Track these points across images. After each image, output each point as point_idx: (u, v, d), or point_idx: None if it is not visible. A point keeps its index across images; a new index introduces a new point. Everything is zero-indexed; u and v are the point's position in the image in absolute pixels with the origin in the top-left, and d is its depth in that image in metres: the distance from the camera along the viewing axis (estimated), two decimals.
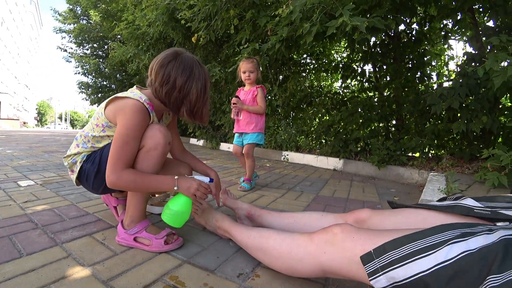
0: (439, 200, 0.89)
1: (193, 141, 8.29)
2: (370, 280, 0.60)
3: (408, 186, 2.81)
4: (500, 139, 3.04)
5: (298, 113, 5.58)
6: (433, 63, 4.27)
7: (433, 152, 3.52)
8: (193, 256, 1.00)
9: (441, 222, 0.65)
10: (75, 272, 0.85)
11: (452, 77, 4.27)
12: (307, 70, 5.89)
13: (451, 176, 2.30)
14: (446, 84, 3.78)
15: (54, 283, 0.79)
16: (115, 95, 1.07)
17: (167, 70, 1.03)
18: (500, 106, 2.96)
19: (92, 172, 1.10)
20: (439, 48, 4.68)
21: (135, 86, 1.13)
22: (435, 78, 3.98)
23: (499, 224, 0.67)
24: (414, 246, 0.57)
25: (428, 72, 3.93)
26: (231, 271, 0.91)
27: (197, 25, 3.47)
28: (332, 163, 3.81)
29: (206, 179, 1.10)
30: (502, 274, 0.47)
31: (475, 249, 0.53)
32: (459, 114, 2.95)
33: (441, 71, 4.88)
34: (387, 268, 0.58)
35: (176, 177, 1.03)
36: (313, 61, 5.82)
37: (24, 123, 39.13)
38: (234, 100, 2.19)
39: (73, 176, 1.17)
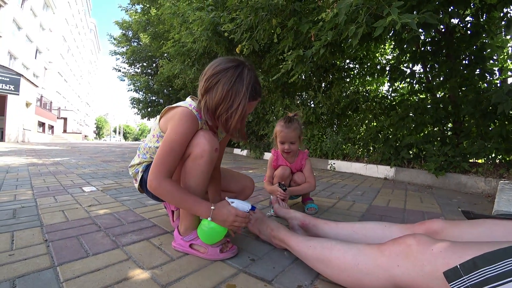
0: None
1: (236, 151, 8.43)
2: None
3: (472, 196, 2.52)
4: None
5: (344, 120, 5.38)
6: (495, 57, 3.79)
7: (500, 157, 3.11)
8: (248, 265, 0.97)
9: None
10: (135, 275, 0.88)
11: None
12: (351, 76, 5.68)
13: None
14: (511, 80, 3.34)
15: (117, 283, 0.82)
16: (168, 106, 1.09)
17: (213, 77, 0.98)
18: None
19: None
20: (500, 40, 4.16)
21: (189, 97, 1.14)
22: (497, 73, 3.54)
23: None
24: None
25: (490, 67, 3.50)
26: (289, 283, 0.86)
27: (239, 36, 3.55)
28: (383, 171, 3.57)
29: (247, 206, 1.02)
30: None
31: None
32: None
33: (505, 65, 4.33)
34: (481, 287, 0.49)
35: (212, 207, 0.98)
36: (357, 66, 5.61)
37: (85, 136, 43.72)
38: (281, 193, 1.57)
39: (137, 185, 1.23)
